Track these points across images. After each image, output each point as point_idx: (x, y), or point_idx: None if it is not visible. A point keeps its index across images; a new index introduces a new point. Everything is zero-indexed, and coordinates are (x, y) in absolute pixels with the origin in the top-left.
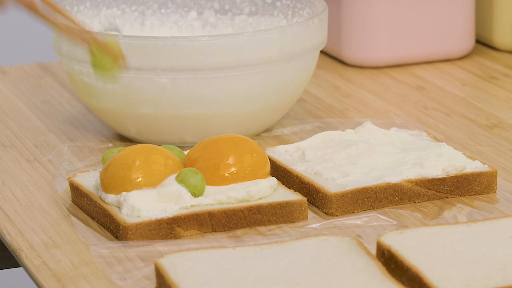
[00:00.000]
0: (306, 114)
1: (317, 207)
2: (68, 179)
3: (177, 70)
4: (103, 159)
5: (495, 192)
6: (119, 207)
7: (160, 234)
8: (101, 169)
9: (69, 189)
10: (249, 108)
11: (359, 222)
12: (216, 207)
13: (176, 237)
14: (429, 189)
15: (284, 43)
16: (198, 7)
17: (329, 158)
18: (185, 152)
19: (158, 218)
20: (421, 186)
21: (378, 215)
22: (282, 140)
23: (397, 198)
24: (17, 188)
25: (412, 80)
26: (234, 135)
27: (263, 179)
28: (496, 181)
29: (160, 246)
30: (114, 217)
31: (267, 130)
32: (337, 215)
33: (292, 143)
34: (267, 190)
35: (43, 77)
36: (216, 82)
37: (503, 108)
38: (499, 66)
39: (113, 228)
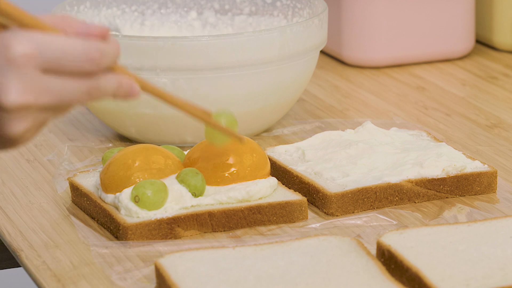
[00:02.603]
0: (306, 114)
1: (317, 207)
2: (68, 179)
3: (177, 70)
4: (103, 159)
5: (495, 192)
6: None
7: (160, 234)
8: (101, 169)
9: (69, 189)
10: (249, 108)
11: (359, 222)
12: (216, 207)
13: (176, 237)
14: (429, 189)
15: (284, 43)
16: (198, 7)
17: (329, 158)
18: (185, 152)
19: (158, 218)
20: (421, 186)
21: (378, 215)
22: (282, 140)
23: (397, 198)
24: (17, 188)
25: (412, 80)
26: None
27: (263, 179)
28: (496, 181)
29: (160, 246)
30: (114, 217)
31: (267, 130)
32: (337, 215)
33: (292, 143)
34: (267, 190)
35: None
36: (216, 82)
37: (503, 108)
38: (499, 66)
39: (113, 228)
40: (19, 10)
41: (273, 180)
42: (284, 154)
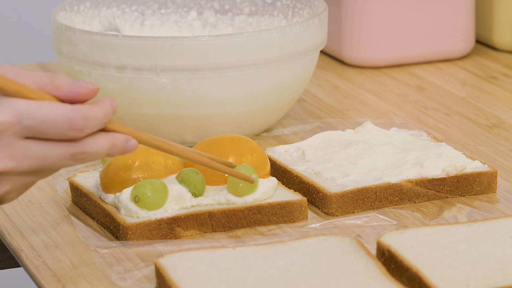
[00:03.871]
0: (306, 114)
1: (317, 207)
2: (68, 179)
3: (177, 70)
4: (103, 159)
5: (495, 192)
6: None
7: (160, 234)
8: (101, 169)
9: (69, 189)
10: (249, 108)
11: (359, 222)
12: (216, 207)
13: (176, 237)
14: (429, 189)
15: (284, 43)
16: (198, 7)
17: (329, 158)
18: None
19: (158, 218)
20: (421, 186)
21: (378, 215)
22: (282, 140)
23: (397, 198)
24: None
25: (412, 80)
26: (234, 135)
27: (263, 179)
28: (496, 181)
29: (160, 246)
30: (114, 217)
31: (267, 130)
32: (337, 215)
33: (292, 143)
34: (267, 191)
35: None
36: (216, 82)
37: (503, 108)
38: (499, 66)
39: (113, 228)
40: (2, 77)
41: (273, 180)
42: (284, 154)
